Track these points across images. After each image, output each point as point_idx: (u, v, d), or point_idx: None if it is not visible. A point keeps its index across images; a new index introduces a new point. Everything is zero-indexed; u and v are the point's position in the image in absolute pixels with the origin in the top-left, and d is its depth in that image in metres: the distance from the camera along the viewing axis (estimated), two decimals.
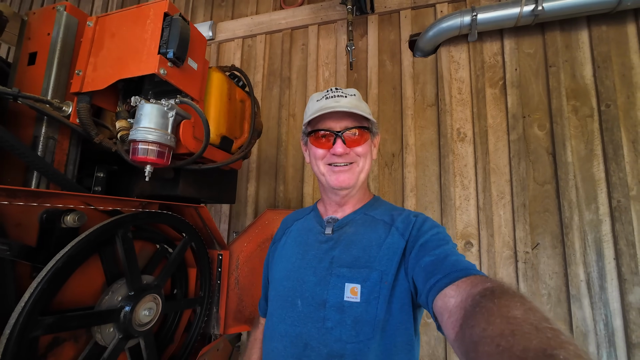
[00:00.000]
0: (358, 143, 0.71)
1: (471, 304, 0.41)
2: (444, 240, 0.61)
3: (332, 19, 2.05)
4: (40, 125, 0.87)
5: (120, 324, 0.83)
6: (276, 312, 0.72)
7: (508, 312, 0.35)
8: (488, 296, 0.39)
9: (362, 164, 0.73)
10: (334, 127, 0.71)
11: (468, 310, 0.40)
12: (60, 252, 0.71)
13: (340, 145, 0.69)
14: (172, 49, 0.78)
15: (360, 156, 0.72)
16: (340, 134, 0.70)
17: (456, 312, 0.43)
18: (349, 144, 0.70)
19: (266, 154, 2.08)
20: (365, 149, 0.72)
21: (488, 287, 0.41)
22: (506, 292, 0.39)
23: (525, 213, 1.54)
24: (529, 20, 1.54)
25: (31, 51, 0.95)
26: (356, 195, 0.77)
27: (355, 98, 0.73)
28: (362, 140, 0.71)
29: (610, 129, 1.48)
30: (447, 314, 0.45)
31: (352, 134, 0.71)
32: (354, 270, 0.64)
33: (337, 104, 0.69)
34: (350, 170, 0.72)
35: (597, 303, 1.40)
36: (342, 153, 0.70)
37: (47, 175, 0.81)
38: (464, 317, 0.41)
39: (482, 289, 0.42)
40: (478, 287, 0.43)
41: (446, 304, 0.47)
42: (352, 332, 0.60)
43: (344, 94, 0.73)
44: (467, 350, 0.37)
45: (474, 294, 0.42)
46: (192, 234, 1.09)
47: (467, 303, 0.42)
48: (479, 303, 0.39)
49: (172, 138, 0.86)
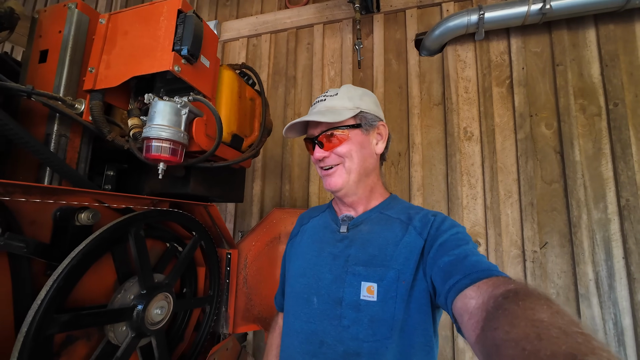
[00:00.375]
0: (336, 144, 0.69)
1: (493, 306, 0.39)
2: (463, 240, 0.59)
3: (337, 18, 2.05)
4: (53, 123, 0.87)
5: (133, 322, 0.82)
6: (292, 308, 0.72)
7: (533, 315, 0.33)
8: (511, 298, 0.38)
9: (348, 164, 0.70)
10: (314, 133, 0.72)
11: (490, 312, 0.39)
12: (76, 250, 0.70)
13: (317, 151, 0.70)
14: (186, 46, 0.78)
15: (344, 156, 0.69)
16: (315, 139, 0.71)
17: (477, 314, 0.42)
18: (327, 147, 0.70)
19: (272, 153, 2.08)
20: (346, 148, 0.69)
21: (511, 289, 0.40)
22: (531, 294, 0.37)
23: (533, 212, 1.53)
24: (537, 18, 1.54)
25: (42, 49, 0.94)
26: (362, 194, 0.74)
27: (335, 97, 0.72)
28: (341, 140, 0.69)
29: (618, 127, 1.47)
30: (467, 315, 0.44)
31: (328, 137, 0.70)
32: (369, 269, 0.64)
33: (313, 110, 0.71)
34: (335, 173, 0.70)
35: (606, 302, 1.39)
36: (321, 157, 0.70)
37: (61, 173, 0.81)
38: (485, 319, 0.39)
39: (504, 291, 0.40)
40: (500, 288, 0.42)
41: (466, 305, 0.45)
42: (369, 331, 0.60)
43: (324, 97, 0.73)
44: (489, 353, 0.35)
45: (496, 295, 0.41)
46: (202, 233, 1.08)
47: (488, 305, 0.40)
48: (502, 305, 0.38)
49: (185, 135, 0.86)
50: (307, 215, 0.88)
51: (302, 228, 0.84)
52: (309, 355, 0.63)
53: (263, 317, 1.34)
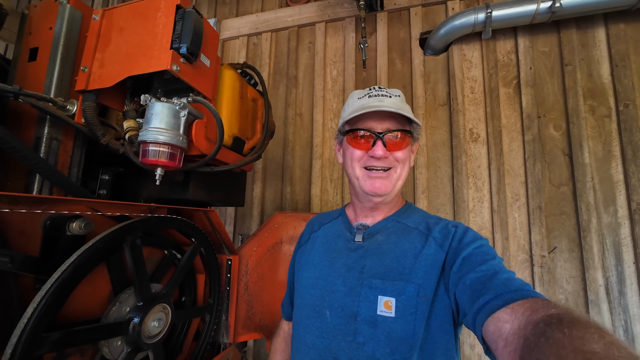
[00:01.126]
0: (399, 147, 0.66)
1: (533, 333, 0.36)
2: (489, 254, 0.56)
3: (339, 17, 2.00)
4: (43, 126, 0.82)
5: (129, 336, 0.78)
6: (302, 321, 0.68)
7: (583, 346, 0.30)
8: (555, 324, 0.34)
9: (399, 171, 0.67)
10: (375, 128, 0.66)
11: (530, 340, 0.36)
12: (66, 262, 0.66)
13: (380, 148, 0.64)
14: (185, 44, 0.73)
15: (399, 162, 0.67)
16: (381, 135, 0.65)
17: (514, 341, 0.38)
18: (390, 148, 0.65)
19: (272, 155, 2.03)
20: (405, 155, 0.67)
21: (554, 314, 0.37)
22: (577, 320, 0.34)
23: (541, 215, 1.49)
24: (546, 17, 1.50)
25: (32, 46, 0.89)
26: (390, 202, 0.72)
27: (399, 99, 0.69)
28: (403, 144, 0.66)
29: (629, 129, 1.44)
30: (502, 342, 0.41)
31: (393, 137, 0.66)
32: (387, 282, 0.60)
33: (381, 103, 0.65)
34: (387, 177, 0.67)
35: (617, 308, 1.36)
36: (382, 156, 0.65)
37: (51, 179, 0.76)
38: (524, 348, 0.36)
39: (545, 316, 0.37)
40: (539, 313, 0.38)
41: (500, 330, 0.42)
42: (387, 350, 0.57)
43: (388, 93, 0.68)
44: None
45: (535, 320, 0.37)
46: (202, 239, 1.04)
47: (527, 331, 0.37)
48: (544, 332, 0.34)
49: (184, 139, 0.81)
50: (318, 221, 0.84)
51: (313, 235, 0.81)
52: None
53: (265, 325, 1.30)
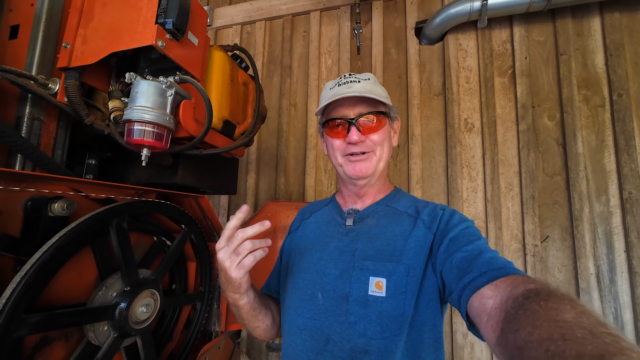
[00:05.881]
0: (375, 130, 0.67)
1: (513, 306, 0.38)
2: (474, 235, 0.57)
3: (334, 5, 1.97)
4: (24, 105, 0.79)
5: (115, 321, 0.76)
6: (294, 305, 0.69)
7: (557, 315, 0.32)
8: (533, 298, 0.36)
9: (379, 152, 0.68)
10: (348, 115, 0.67)
11: (510, 312, 0.38)
12: (47, 243, 0.64)
13: (355, 133, 0.65)
14: (171, 18, 0.70)
15: (377, 144, 0.68)
16: (353, 120, 0.66)
17: (496, 315, 0.40)
18: (364, 131, 0.67)
19: (266, 145, 2.00)
20: (382, 136, 0.68)
21: (532, 289, 0.39)
22: (553, 293, 0.36)
23: (534, 205, 1.50)
24: (541, 5, 1.48)
25: (13, 24, 0.86)
26: (375, 185, 0.73)
27: (369, 82, 0.69)
28: (378, 126, 0.67)
29: (622, 119, 1.44)
30: (485, 316, 0.43)
31: (367, 120, 0.67)
32: (378, 264, 0.62)
33: (350, 89, 0.66)
34: (367, 159, 0.68)
35: (607, 296, 1.37)
36: (358, 141, 0.66)
37: (32, 158, 0.73)
38: (504, 320, 0.38)
39: (524, 290, 0.39)
40: (520, 288, 0.40)
41: (484, 305, 0.44)
42: (377, 328, 0.58)
43: (357, 78, 0.69)
44: (511, 355, 0.34)
45: (515, 295, 0.39)
46: (192, 226, 1.02)
47: (508, 305, 0.39)
48: (523, 305, 0.36)
49: (172, 119, 0.79)
50: (309, 209, 0.85)
51: (304, 222, 0.81)
52: (314, 353, 0.61)
53: None
